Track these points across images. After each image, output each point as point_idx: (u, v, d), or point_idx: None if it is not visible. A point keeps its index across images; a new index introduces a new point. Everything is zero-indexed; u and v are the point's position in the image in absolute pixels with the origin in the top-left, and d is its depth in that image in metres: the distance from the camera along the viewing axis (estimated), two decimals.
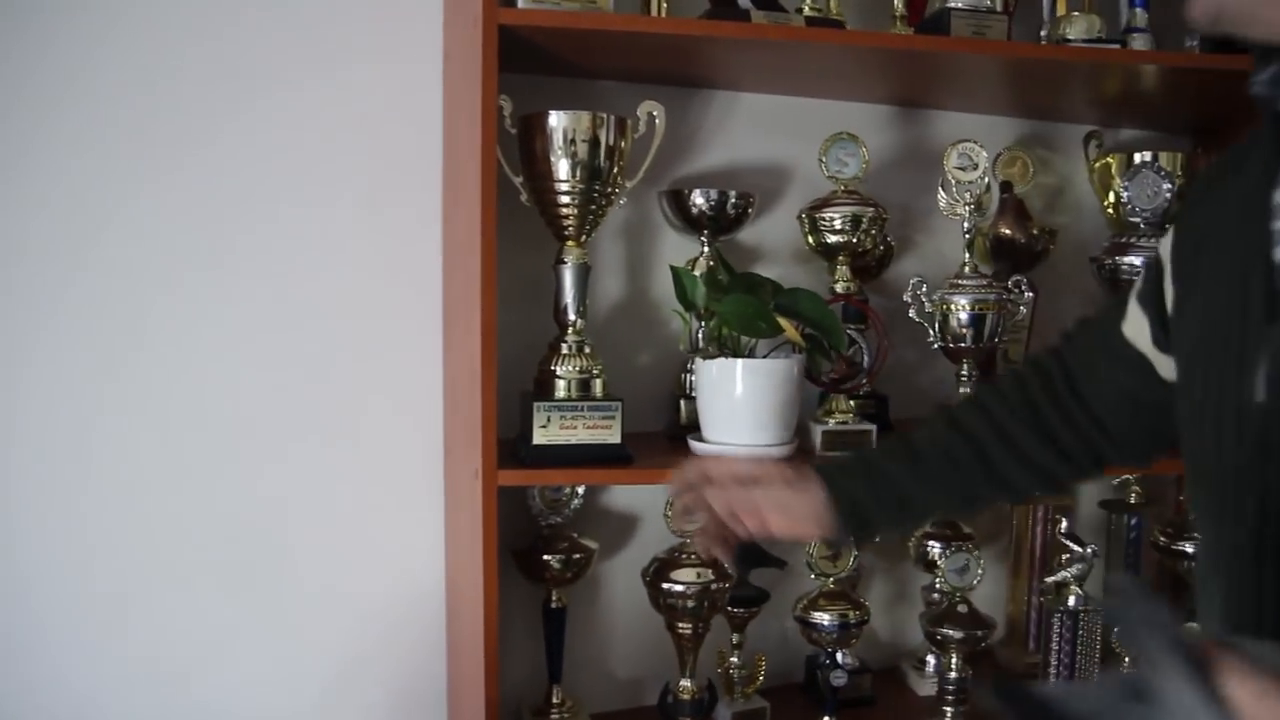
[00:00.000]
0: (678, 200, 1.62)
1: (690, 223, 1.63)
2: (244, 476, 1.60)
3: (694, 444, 1.45)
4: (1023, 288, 1.53)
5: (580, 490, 1.63)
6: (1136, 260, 1.58)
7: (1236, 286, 0.82)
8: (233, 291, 1.58)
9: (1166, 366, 0.96)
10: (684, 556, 1.55)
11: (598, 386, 1.43)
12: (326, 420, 1.62)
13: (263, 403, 1.60)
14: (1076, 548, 1.67)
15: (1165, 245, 0.95)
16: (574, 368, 1.42)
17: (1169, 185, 1.60)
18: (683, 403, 1.60)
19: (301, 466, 1.62)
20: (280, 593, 1.63)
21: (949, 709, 1.65)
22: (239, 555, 1.61)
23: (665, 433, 1.66)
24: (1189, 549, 1.76)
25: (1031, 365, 1.11)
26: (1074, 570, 1.65)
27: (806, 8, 1.53)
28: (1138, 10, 1.77)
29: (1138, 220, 1.62)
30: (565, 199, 1.42)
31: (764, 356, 1.45)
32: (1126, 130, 2.09)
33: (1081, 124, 2.00)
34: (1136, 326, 0.99)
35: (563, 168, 1.40)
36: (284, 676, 1.65)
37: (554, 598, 1.61)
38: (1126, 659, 1.68)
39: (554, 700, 1.62)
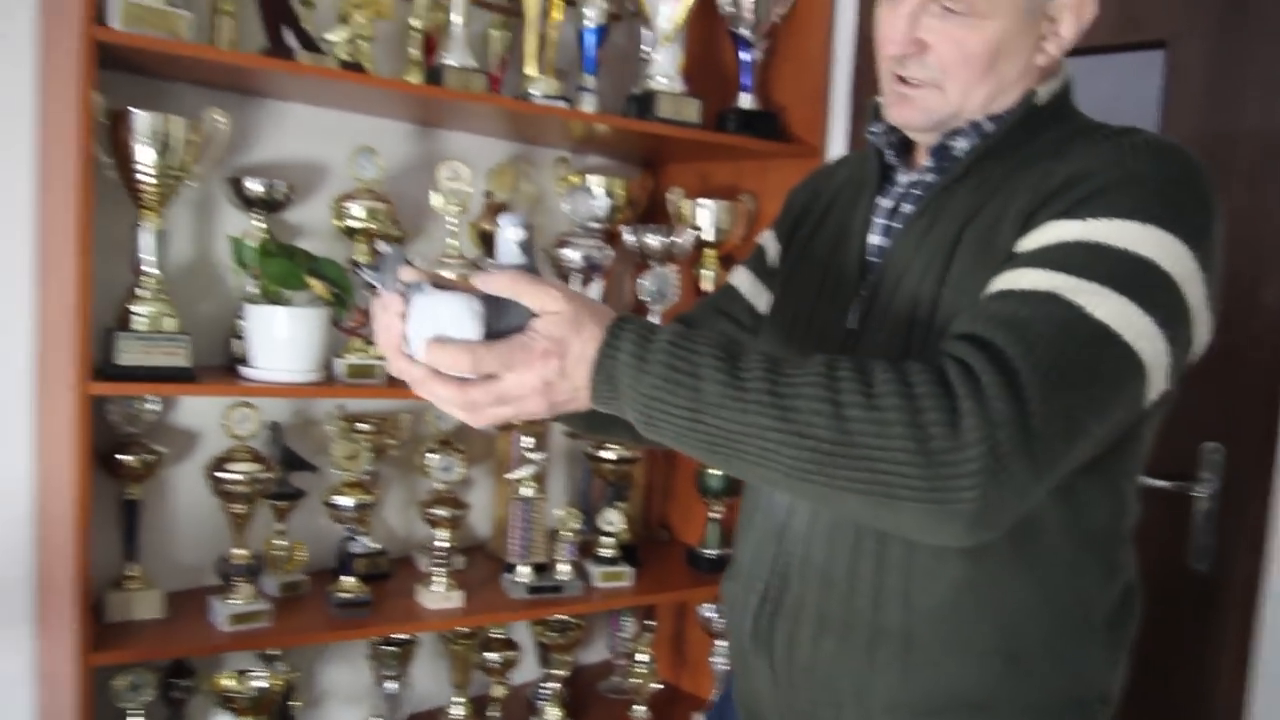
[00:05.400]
0: (237, 186, 2.10)
1: (247, 203, 2.12)
2: None
3: (244, 370, 1.96)
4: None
5: (154, 407, 2.06)
6: (573, 254, 2.29)
7: (842, 254, 1.25)
8: None
9: (764, 302, 1.41)
10: (237, 454, 2.02)
11: (170, 324, 1.88)
12: None
13: None
14: (532, 456, 2.35)
15: (792, 213, 1.40)
16: (152, 309, 1.86)
17: (595, 202, 2.32)
18: (234, 341, 2.09)
19: None
20: None
21: (442, 574, 2.24)
22: None
23: (222, 365, 2.13)
24: (607, 455, 2.51)
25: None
26: (524, 472, 2.32)
27: (342, 53, 2.06)
28: (586, 75, 2.47)
29: (578, 225, 2.32)
30: (144, 178, 1.85)
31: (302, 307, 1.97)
32: (594, 157, 2.83)
33: (560, 149, 2.70)
34: (742, 276, 1.45)
35: (142, 154, 1.84)
36: None
37: (129, 492, 2.04)
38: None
39: (128, 574, 2.03)
